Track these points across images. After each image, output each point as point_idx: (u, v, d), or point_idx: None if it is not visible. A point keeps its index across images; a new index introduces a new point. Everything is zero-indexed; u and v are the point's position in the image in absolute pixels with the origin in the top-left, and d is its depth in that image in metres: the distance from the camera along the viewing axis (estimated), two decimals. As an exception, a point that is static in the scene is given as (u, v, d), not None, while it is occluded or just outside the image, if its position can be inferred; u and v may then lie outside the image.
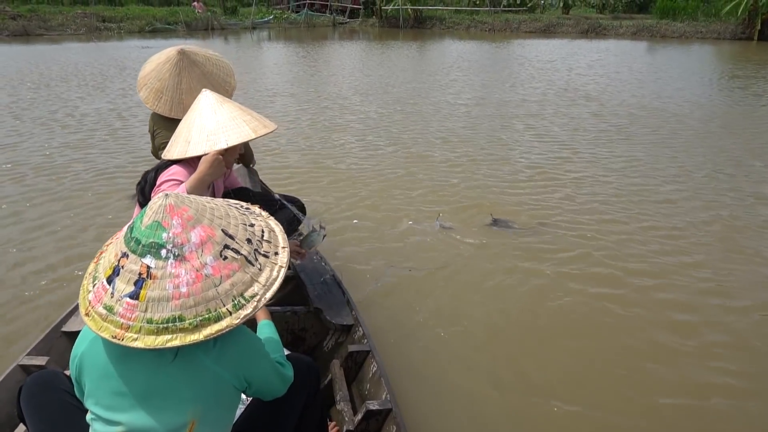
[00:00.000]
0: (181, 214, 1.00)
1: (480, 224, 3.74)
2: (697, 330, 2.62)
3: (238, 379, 1.14)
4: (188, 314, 0.98)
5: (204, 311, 0.98)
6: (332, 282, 2.33)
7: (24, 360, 1.79)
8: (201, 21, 27.55)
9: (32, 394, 1.31)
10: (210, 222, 1.03)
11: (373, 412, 1.67)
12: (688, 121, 6.77)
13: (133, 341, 0.96)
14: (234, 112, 1.85)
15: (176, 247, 0.98)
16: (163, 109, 2.41)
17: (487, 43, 20.18)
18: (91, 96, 8.36)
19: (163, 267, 0.98)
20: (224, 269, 1.01)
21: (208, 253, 1.00)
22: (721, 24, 22.35)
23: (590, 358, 2.41)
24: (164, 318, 0.97)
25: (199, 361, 1.07)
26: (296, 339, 2.23)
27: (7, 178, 4.60)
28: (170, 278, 0.98)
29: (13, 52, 16.00)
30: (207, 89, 1.93)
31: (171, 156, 1.84)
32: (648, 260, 3.28)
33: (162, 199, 1.01)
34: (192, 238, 0.99)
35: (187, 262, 0.98)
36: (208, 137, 1.79)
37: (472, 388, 2.25)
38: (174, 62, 2.39)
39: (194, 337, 0.97)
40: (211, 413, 1.10)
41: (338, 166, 5.12)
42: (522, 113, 7.18)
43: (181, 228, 0.99)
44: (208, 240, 1.01)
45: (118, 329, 0.98)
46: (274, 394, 1.31)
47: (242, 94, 8.37)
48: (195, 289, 0.98)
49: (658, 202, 4.18)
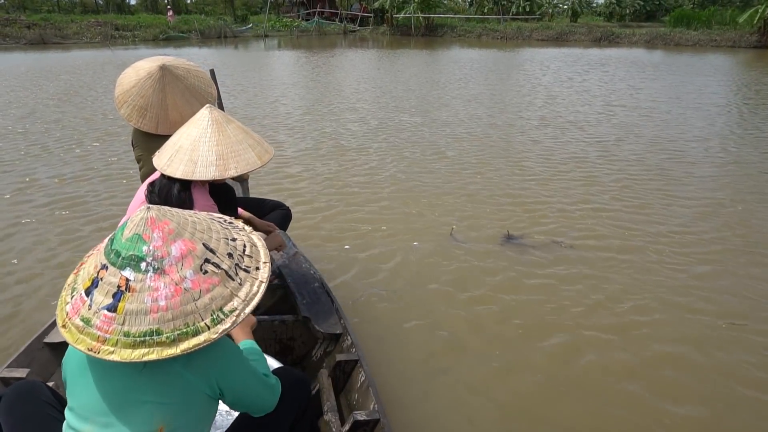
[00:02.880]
0: (162, 227, 0.99)
1: (493, 240, 3.61)
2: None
3: (209, 386, 1.11)
4: (166, 328, 0.96)
5: (182, 325, 0.97)
6: (321, 290, 2.29)
7: (4, 372, 1.75)
8: (214, 29, 27.74)
9: (11, 405, 1.28)
10: (191, 236, 1.02)
11: (361, 423, 1.63)
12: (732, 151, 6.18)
13: (109, 354, 0.95)
14: (239, 136, 1.84)
15: (156, 260, 0.97)
16: (148, 126, 2.33)
17: (500, 52, 20.18)
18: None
19: (142, 280, 0.96)
20: (204, 283, 1.00)
21: (188, 267, 0.99)
22: (735, 33, 22.35)
23: (590, 385, 2.29)
24: (141, 331, 0.95)
25: (169, 366, 1.05)
26: (284, 348, 2.19)
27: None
28: (149, 291, 0.96)
29: (49, 59, 16.08)
30: (209, 105, 1.90)
31: (175, 174, 1.78)
32: (657, 292, 2.95)
33: (144, 212, 1.00)
34: (172, 252, 0.98)
35: (166, 276, 0.97)
36: (217, 161, 1.78)
37: (461, 399, 2.20)
38: (157, 78, 2.31)
39: (171, 351, 0.96)
40: (179, 419, 1.07)
41: (350, 177, 5.02)
42: (542, 130, 6.93)
43: (161, 241, 0.98)
44: (189, 254, 1.00)
45: (94, 342, 0.96)
46: (261, 406, 1.26)
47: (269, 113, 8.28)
48: (173, 302, 0.97)
49: (685, 232, 3.73)
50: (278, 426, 1.36)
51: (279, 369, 1.50)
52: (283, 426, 1.38)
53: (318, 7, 35.73)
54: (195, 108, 2.20)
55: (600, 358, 2.43)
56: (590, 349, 2.49)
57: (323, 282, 2.36)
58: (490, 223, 3.89)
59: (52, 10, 35.27)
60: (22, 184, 4.74)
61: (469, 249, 3.49)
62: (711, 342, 2.56)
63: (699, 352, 2.48)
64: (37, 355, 1.90)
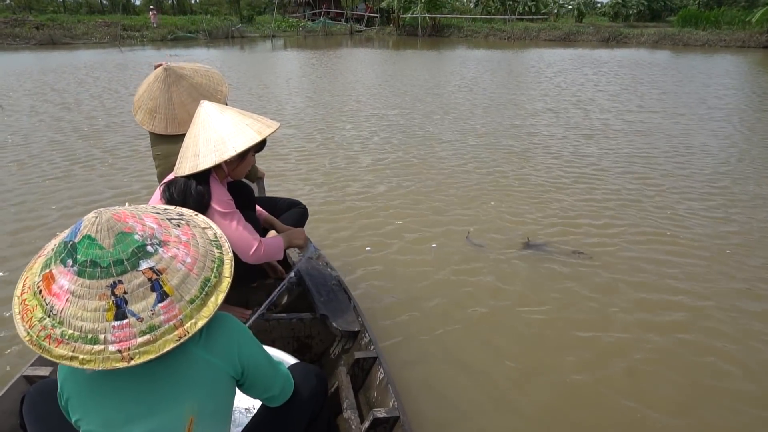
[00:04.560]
0: (126, 215, 1.01)
1: (512, 246, 3.56)
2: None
3: (232, 365, 1.13)
4: (207, 273, 1.04)
5: (211, 263, 1.06)
6: (338, 288, 2.30)
7: (28, 371, 1.79)
8: (221, 29, 27.78)
9: (34, 404, 1.31)
10: (140, 211, 1.06)
11: (381, 420, 1.64)
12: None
13: (194, 326, 0.99)
14: (236, 119, 1.86)
15: (152, 237, 1.00)
16: (159, 127, 2.36)
17: (510, 53, 20.16)
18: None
19: (161, 258, 0.99)
20: (187, 231, 1.08)
21: (169, 227, 1.05)
22: (745, 33, 22.34)
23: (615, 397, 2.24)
24: (198, 288, 1.01)
25: (190, 353, 1.06)
26: (302, 346, 2.20)
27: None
28: (174, 260, 1.00)
29: (68, 58, 16.10)
30: (204, 101, 1.92)
31: (184, 172, 1.82)
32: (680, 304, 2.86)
33: (98, 216, 0.97)
34: (152, 225, 1.02)
35: (169, 243, 1.02)
36: (215, 147, 1.80)
37: (481, 398, 2.19)
38: (162, 79, 2.35)
39: (224, 284, 1.05)
40: (208, 406, 1.09)
41: (373, 180, 4.99)
42: (567, 137, 6.76)
43: (139, 224, 1.01)
44: (159, 219, 1.05)
45: (175, 332, 0.97)
46: (273, 391, 1.28)
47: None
48: (193, 253, 1.04)
49: (715, 245, 3.56)
50: (296, 421, 1.37)
51: (296, 365, 1.51)
52: (301, 421, 1.39)
53: (324, 8, 35.79)
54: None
55: (622, 366, 2.40)
56: (612, 357, 2.46)
57: (340, 280, 2.37)
58: (509, 229, 3.84)
59: (58, 11, 35.32)
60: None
61: (487, 253, 3.47)
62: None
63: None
64: None
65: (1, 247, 3.54)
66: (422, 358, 2.44)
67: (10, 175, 5.02)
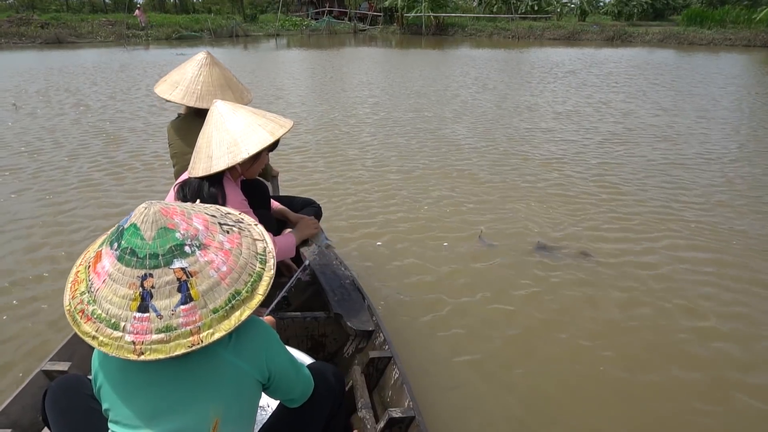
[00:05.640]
0: (175, 212, 1.00)
1: (524, 247, 3.55)
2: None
3: (259, 370, 1.13)
4: (240, 286, 1.01)
5: (248, 276, 1.03)
6: (352, 287, 2.29)
7: (47, 365, 1.81)
8: (226, 28, 27.77)
9: (57, 398, 1.32)
10: (193, 209, 1.05)
11: (396, 420, 1.63)
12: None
13: (211, 336, 0.97)
14: (248, 119, 1.84)
15: (194, 239, 0.99)
16: (176, 96, 2.37)
17: (518, 53, 20.09)
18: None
19: (195, 261, 0.98)
20: (234, 240, 1.06)
21: (217, 232, 1.04)
22: (750, 31, 22.29)
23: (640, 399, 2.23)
24: (225, 300, 0.99)
25: (218, 356, 1.06)
26: (316, 345, 2.22)
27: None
28: (208, 266, 0.99)
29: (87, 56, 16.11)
30: (218, 99, 1.91)
31: (198, 174, 1.82)
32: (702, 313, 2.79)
33: (147, 207, 0.99)
34: (199, 226, 1.02)
35: (209, 247, 1.01)
36: (228, 149, 1.78)
37: (498, 400, 2.19)
38: (198, 59, 2.45)
39: (255, 300, 1.02)
40: (233, 409, 1.09)
41: (380, 177, 5.01)
42: (586, 144, 6.52)
43: (185, 222, 1.00)
44: (209, 223, 1.04)
45: (190, 337, 0.96)
46: (294, 394, 1.29)
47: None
48: (231, 263, 1.02)
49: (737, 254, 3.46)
50: (315, 420, 1.38)
51: (314, 363, 1.52)
52: (320, 419, 1.40)
53: (327, 6, 35.76)
54: (226, 95, 2.34)
55: (631, 370, 2.39)
56: (624, 359, 2.46)
57: (354, 279, 2.36)
58: (521, 230, 3.84)
59: (61, 10, 35.29)
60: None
61: (499, 254, 3.47)
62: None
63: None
64: (78, 348, 1.95)
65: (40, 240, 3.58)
66: (437, 358, 2.44)
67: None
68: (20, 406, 1.66)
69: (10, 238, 3.63)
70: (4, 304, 2.86)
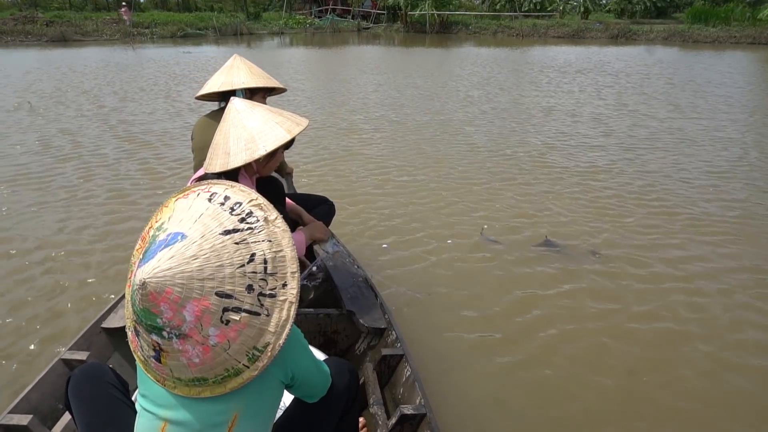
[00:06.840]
0: (166, 298, 0.93)
1: (528, 243, 3.58)
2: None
3: (284, 373, 1.15)
4: (209, 375, 1.01)
5: (222, 371, 1.00)
6: (364, 285, 2.31)
7: (66, 354, 1.86)
8: (231, 27, 27.79)
9: (80, 385, 1.34)
10: (200, 293, 0.94)
11: (407, 417, 1.65)
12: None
13: (172, 389, 1.05)
14: (266, 116, 1.86)
15: (174, 329, 0.96)
16: (206, 88, 2.48)
17: (524, 52, 20.05)
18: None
19: (169, 344, 0.98)
20: (229, 333, 0.97)
21: (208, 324, 0.95)
22: (755, 29, 22.29)
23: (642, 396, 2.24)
24: (190, 378, 1.02)
25: None
26: (328, 341, 2.23)
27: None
28: (180, 353, 0.98)
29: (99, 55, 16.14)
30: (234, 97, 1.94)
31: (215, 169, 1.84)
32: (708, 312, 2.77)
33: (142, 287, 0.93)
34: (187, 318, 0.95)
35: (190, 338, 0.96)
36: (246, 146, 1.81)
37: (510, 398, 2.20)
38: (231, 60, 2.55)
39: (221, 389, 1.02)
40: (253, 406, 1.10)
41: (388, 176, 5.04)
42: (598, 141, 6.58)
43: (171, 312, 0.94)
44: (204, 312, 0.95)
45: (158, 376, 1.05)
46: (314, 392, 1.31)
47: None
48: (206, 358, 0.98)
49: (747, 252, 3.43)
50: (330, 415, 1.40)
51: (331, 359, 1.54)
52: (334, 413, 1.42)
53: (330, 5, 35.75)
54: (258, 80, 2.46)
55: (639, 372, 2.39)
56: (633, 360, 2.45)
57: (367, 277, 2.38)
58: (525, 227, 3.86)
59: (63, 7, 35.29)
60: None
61: (504, 250, 3.49)
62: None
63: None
64: (95, 339, 2.01)
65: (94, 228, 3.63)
66: (448, 356, 2.45)
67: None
68: (40, 393, 1.72)
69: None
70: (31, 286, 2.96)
